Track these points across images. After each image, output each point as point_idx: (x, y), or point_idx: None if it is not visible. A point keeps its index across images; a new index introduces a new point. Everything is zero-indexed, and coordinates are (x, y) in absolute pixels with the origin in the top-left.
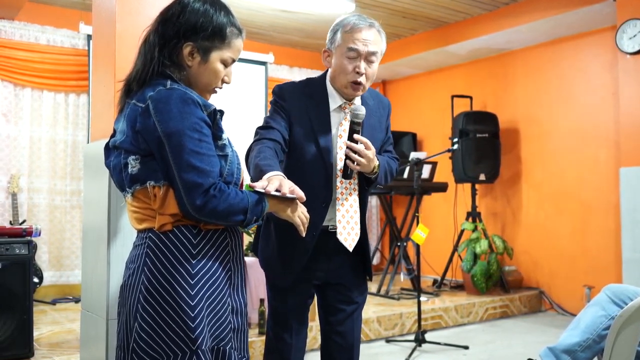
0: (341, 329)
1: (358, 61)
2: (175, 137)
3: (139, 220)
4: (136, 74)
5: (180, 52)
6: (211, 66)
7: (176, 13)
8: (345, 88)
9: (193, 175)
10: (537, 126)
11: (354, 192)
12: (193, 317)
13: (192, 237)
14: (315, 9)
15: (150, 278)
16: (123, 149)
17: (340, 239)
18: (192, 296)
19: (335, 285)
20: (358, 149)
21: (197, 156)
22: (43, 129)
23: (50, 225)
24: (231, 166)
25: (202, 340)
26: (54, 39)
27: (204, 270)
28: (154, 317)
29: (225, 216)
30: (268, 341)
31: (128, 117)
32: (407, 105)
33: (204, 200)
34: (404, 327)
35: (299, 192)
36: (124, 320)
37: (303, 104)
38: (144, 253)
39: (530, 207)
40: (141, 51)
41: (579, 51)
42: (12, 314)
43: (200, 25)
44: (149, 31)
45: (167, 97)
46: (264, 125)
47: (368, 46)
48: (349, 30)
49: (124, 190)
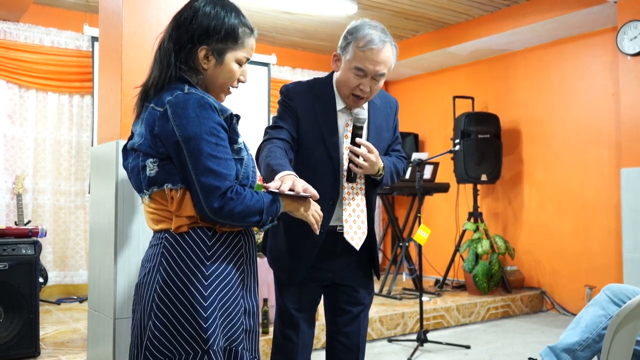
0: (347, 330)
1: (364, 79)
2: (193, 142)
3: (156, 221)
4: (153, 80)
5: (195, 56)
6: (227, 67)
7: (189, 18)
8: (346, 98)
9: (211, 179)
10: (539, 127)
11: (360, 192)
12: (206, 317)
13: (207, 239)
14: (317, 10)
15: (165, 278)
16: (141, 151)
17: (347, 238)
18: (205, 297)
19: (342, 286)
20: (361, 152)
21: (214, 160)
22: (48, 130)
23: (55, 226)
24: (246, 169)
25: (214, 340)
26: (58, 41)
27: (217, 272)
28: (167, 316)
29: (242, 218)
30: (275, 341)
31: (146, 121)
32: (409, 106)
33: (221, 203)
34: (406, 327)
35: (312, 190)
36: (139, 318)
37: (310, 104)
38: (159, 253)
39: (532, 208)
40: (157, 58)
41: (580, 52)
42: (18, 314)
43: (213, 28)
44: (162, 37)
45: (185, 101)
46: (273, 125)
47: (377, 67)
48: (361, 47)
49: (142, 192)
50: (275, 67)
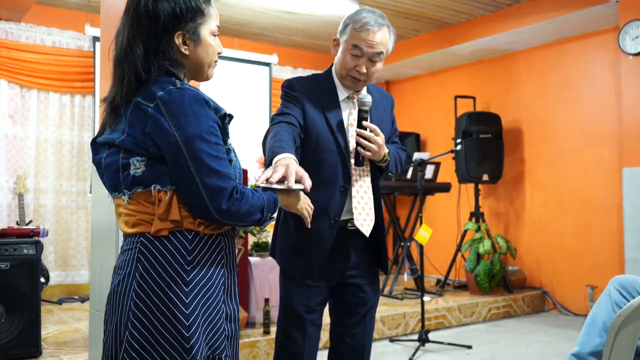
0: (354, 331)
1: (360, 60)
2: (193, 142)
3: (131, 224)
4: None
5: (173, 45)
6: (205, 43)
7: (149, 10)
8: (343, 79)
9: (216, 180)
10: (540, 126)
11: (367, 178)
12: (188, 326)
13: (187, 244)
14: (318, 10)
15: (142, 285)
16: (123, 148)
17: (357, 225)
18: (186, 304)
19: (349, 286)
20: (367, 135)
21: (216, 160)
22: (49, 130)
23: (57, 226)
24: (234, 172)
25: (198, 350)
26: (60, 41)
27: (199, 277)
28: (146, 325)
29: (246, 217)
30: (279, 342)
31: (132, 116)
32: (410, 106)
33: (229, 204)
34: (407, 327)
35: (306, 181)
36: (112, 330)
37: (314, 95)
38: (134, 258)
39: (534, 207)
40: (121, 67)
41: (582, 52)
42: (20, 314)
43: (180, 11)
44: (122, 42)
45: (180, 97)
46: (279, 112)
47: (374, 47)
48: (358, 29)
49: (118, 192)
50: (277, 67)
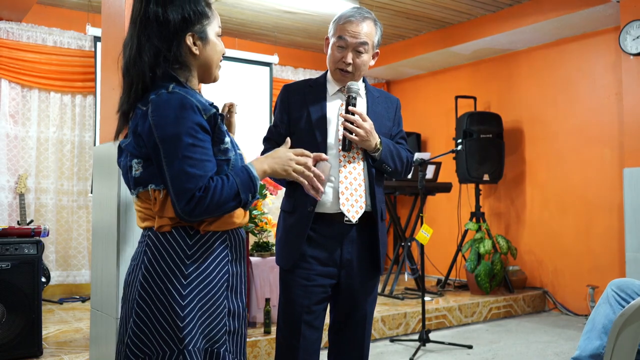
0: (352, 330)
1: (346, 52)
2: (169, 143)
3: (142, 219)
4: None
5: (184, 46)
6: (212, 43)
7: (159, 14)
8: (333, 73)
9: (183, 181)
10: (541, 126)
11: (357, 165)
12: (182, 316)
13: (188, 239)
14: (319, 10)
15: (145, 275)
16: (128, 151)
17: (343, 210)
18: (183, 296)
19: (346, 285)
20: (353, 119)
21: (189, 161)
22: (50, 129)
23: (57, 225)
24: (234, 170)
25: (191, 340)
26: (61, 41)
27: (198, 272)
28: (147, 313)
29: (217, 209)
30: (277, 342)
31: (133, 120)
32: (411, 106)
33: (192, 205)
34: (408, 327)
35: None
36: (123, 316)
37: (302, 94)
38: (142, 251)
39: (534, 207)
40: (130, 75)
41: (583, 52)
42: (21, 313)
43: (188, 14)
44: (132, 53)
45: (167, 101)
46: (272, 124)
47: (357, 37)
48: (341, 23)
49: (130, 191)
50: (277, 67)
